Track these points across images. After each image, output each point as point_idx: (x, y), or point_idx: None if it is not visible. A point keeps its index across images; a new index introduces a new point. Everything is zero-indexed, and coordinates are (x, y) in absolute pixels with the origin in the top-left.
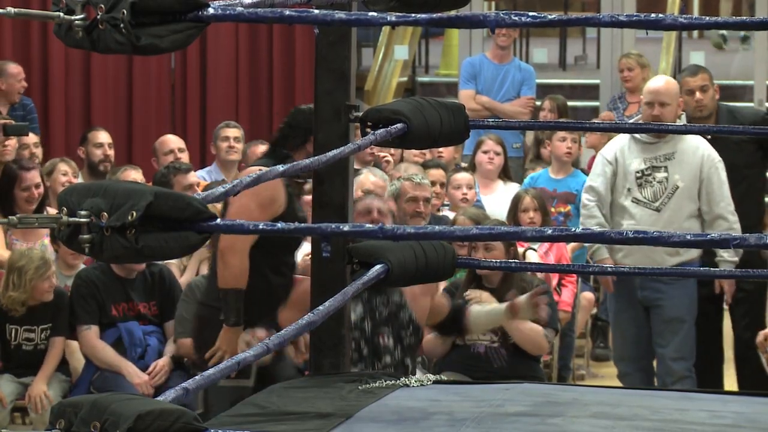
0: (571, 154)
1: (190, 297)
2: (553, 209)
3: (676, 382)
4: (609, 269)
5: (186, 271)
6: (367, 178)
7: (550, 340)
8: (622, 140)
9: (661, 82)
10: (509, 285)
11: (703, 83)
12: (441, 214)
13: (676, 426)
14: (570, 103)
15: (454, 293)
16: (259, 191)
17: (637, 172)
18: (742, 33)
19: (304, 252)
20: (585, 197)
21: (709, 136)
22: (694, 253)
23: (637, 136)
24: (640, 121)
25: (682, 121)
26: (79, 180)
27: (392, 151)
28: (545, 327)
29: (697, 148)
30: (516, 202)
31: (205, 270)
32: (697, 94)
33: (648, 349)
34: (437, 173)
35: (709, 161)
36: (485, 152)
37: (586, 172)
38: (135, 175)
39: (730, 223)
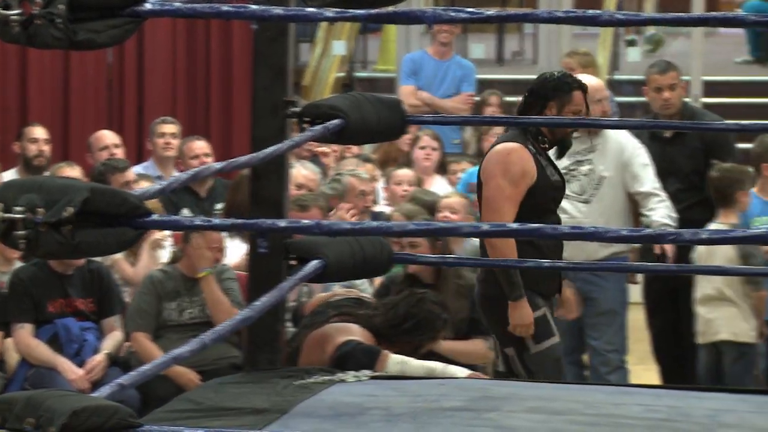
0: None
1: (150, 289)
2: None
3: (610, 373)
4: (545, 263)
5: (139, 261)
6: (299, 172)
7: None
8: None
9: (594, 79)
10: (444, 282)
11: (672, 81)
12: (377, 209)
13: (610, 420)
14: (508, 99)
15: (390, 289)
16: (509, 168)
17: (563, 167)
18: (654, 35)
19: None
20: None
21: (669, 136)
22: (624, 246)
23: None
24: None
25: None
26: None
27: (335, 147)
28: (487, 339)
29: (618, 138)
30: None
31: (142, 258)
32: (666, 93)
33: (580, 341)
34: (370, 168)
35: (630, 147)
36: (422, 148)
37: None
38: (72, 172)
39: (662, 197)
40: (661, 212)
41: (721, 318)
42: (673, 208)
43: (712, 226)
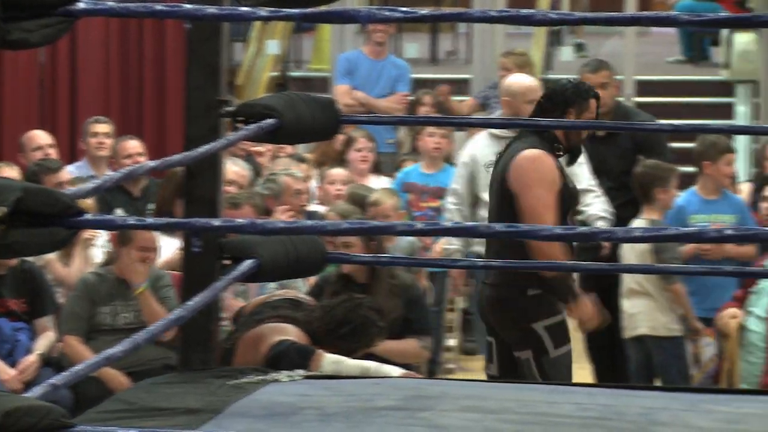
0: (439, 149)
1: (83, 293)
2: (423, 204)
3: None
4: (480, 263)
5: (72, 262)
6: (229, 169)
7: (426, 347)
8: (480, 139)
9: (529, 78)
10: (377, 282)
11: (604, 80)
12: (311, 209)
13: (544, 419)
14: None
15: (324, 288)
16: (545, 176)
17: None
18: (579, 41)
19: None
20: (448, 200)
21: (602, 135)
22: None
23: (495, 132)
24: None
25: None
26: None
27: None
28: (421, 338)
29: None
30: None
31: (79, 261)
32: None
33: None
34: (305, 168)
35: None
36: (358, 150)
37: None
38: (11, 172)
39: (598, 193)
40: (597, 207)
41: (641, 312)
42: (609, 204)
43: (636, 222)
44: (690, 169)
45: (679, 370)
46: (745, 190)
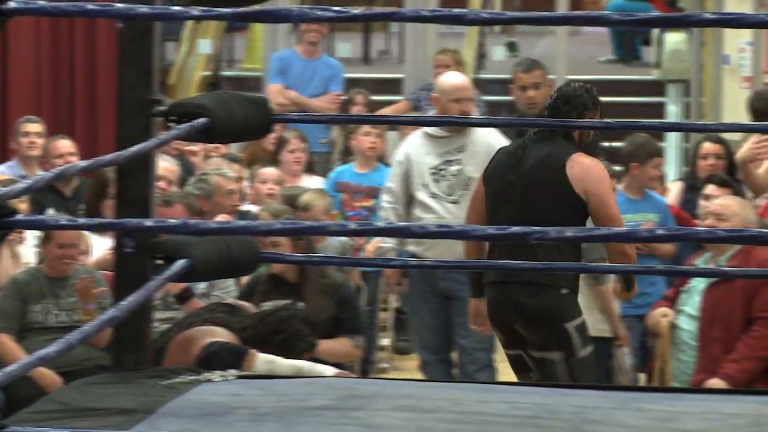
0: (374, 149)
1: (13, 291)
2: (357, 203)
3: (478, 371)
4: (412, 262)
5: (1, 260)
6: (158, 165)
7: (359, 346)
8: (415, 138)
9: (460, 77)
10: (308, 282)
11: (536, 80)
12: (244, 208)
13: (477, 418)
14: (374, 98)
15: (255, 288)
16: (604, 177)
17: (431, 167)
18: (511, 40)
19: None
20: (383, 198)
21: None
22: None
23: (429, 131)
24: (433, 116)
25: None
26: None
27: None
28: (353, 338)
29: (487, 138)
30: None
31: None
32: (530, 92)
33: (448, 340)
34: (237, 168)
35: (499, 147)
36: (291, 151)
37: None
38: None
39: None
40: None
41: None
42: None
43: None
44: (618, 168)
45: (606, 371)
46: (675, 188)
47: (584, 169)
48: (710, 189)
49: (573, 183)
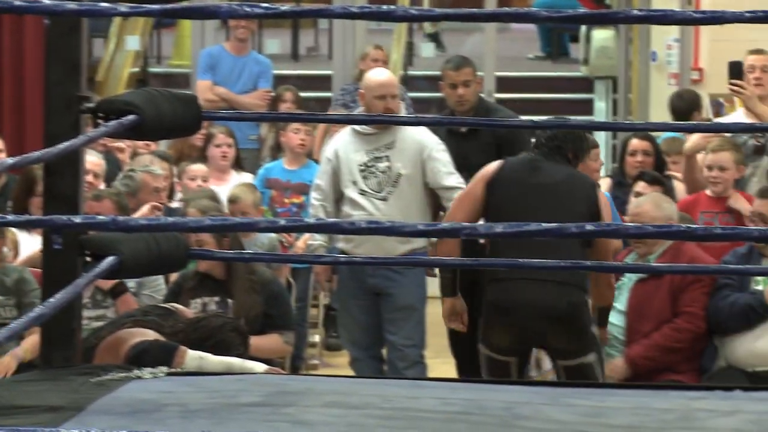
0: (304, 145)
1: None
2: (286, 200)
3: (408, 368)
4: (342, 258)
5: None
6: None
7: (289, 342)
8: (343, 135)
9: (385, 74)
10: (235, 278)
11: (466, 78)
12: (174, 205)
13: (407, 414)
14: (302, 94)
15: (182, 285)
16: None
17: (360, 164)
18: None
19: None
20: (312, 196)
21: (464, 131)
22: (423, 241)
23: (357, 128)
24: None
25: (402, 111)
26: None
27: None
28: (282, 333)
29: (416, 135)
30: None
31: None
32: (460, 89)
33: (378, 336)
34: (166, 165)
35: (429, 145)
36: (218, 146)
37: None
38: None
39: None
40: None
41: None
42: None
43: None
44: None
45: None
46: (603, 185)
47: (605, 201)
48: (640, 186)
49: (601, 209)
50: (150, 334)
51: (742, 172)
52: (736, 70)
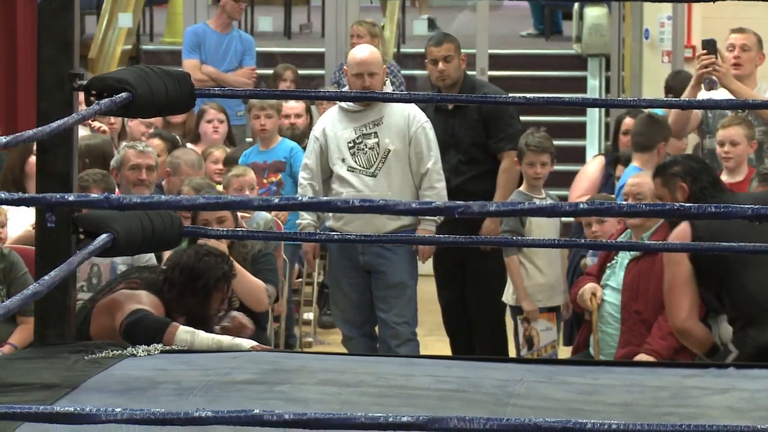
0: (265, 130)
1: None
2: (265, 180)
3: (401, 345)
4: (336, 236)
5: None
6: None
7: (271, 296)
8: (331, 113)
9: (366, 52)
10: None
11: (447, 53)
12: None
13: (401, 391)
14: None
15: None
16: None
17: (349, 141)
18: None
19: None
20: (301, 175)
21: (451, 108)
22: (412, 218)
23: (344, 106)
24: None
25: (388, 88)
26: None
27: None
28: (267, 283)
29: (404, 111)
30: None
31: None
32: (440, 64)
33: (371, 314)
34: (159, 144)
35: (416, 122)
36: (209, 122)
37: None
38: None
39: (432, 182)
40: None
41: None
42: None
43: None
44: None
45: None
46: (596, 163)
47: None
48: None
49: None
50: (142, 298)
51: (754, 147)
52: (710, 48)
